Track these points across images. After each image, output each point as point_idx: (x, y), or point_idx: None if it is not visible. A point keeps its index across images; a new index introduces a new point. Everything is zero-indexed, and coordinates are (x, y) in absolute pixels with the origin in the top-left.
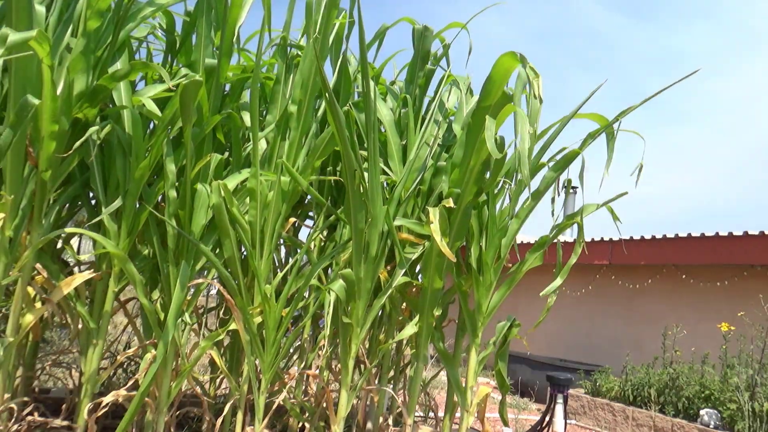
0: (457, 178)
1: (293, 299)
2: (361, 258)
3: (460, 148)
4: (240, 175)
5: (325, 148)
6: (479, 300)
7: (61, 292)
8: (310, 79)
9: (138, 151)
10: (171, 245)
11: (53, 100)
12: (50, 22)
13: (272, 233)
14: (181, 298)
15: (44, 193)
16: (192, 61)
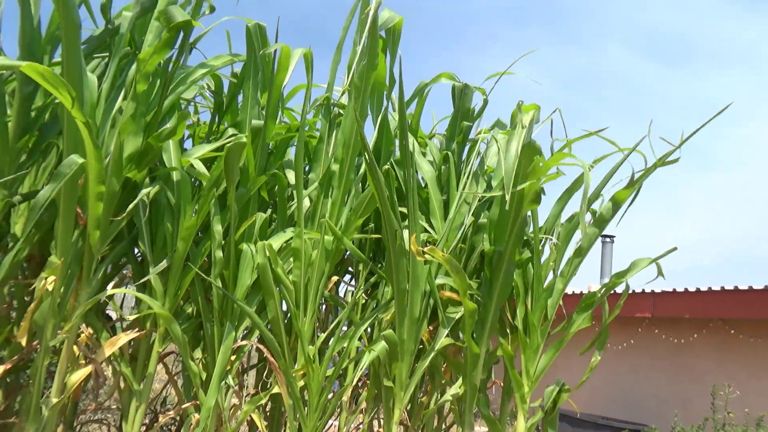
0: (498, 235)
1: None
2: (404, 319)
3: (497, 206)
4: (284, 235)
5: (367, 207)
6: (526, 363)
7: (106, 352)
8: (351, 138)
9: (186, 211)
10: (216, 305)
11: (98, 160)
12: (104, 88)
13: (316, 293)
14: (225, 361)
15: (92, 253)
16: (238, 121)
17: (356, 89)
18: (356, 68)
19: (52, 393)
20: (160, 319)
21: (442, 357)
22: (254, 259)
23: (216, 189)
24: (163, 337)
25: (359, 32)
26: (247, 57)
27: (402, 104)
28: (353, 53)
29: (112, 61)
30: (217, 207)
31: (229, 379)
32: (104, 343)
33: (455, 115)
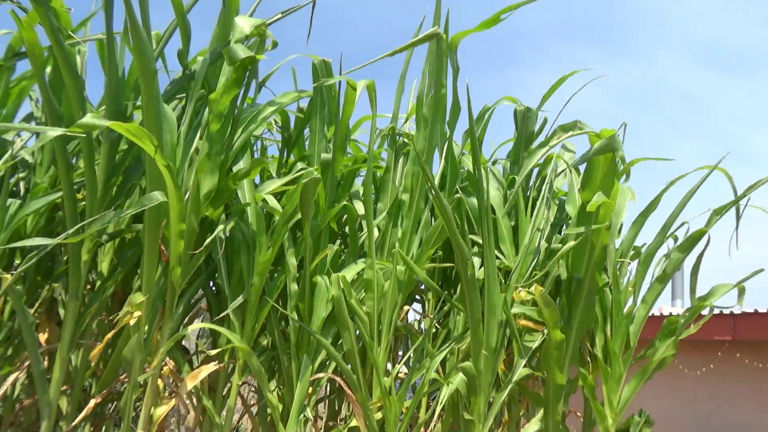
0: (576, 262)
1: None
2: (481, 349)
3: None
4: (356, 266)
5: (439, 236)
6: (609, 394)
7: (189, 386)
8: (420, 168)
9: (261, 245)
10: (293, 338)
11: (179, 199)
12: (182, 130)
13: (389, 323)
14: (303, 393)
15: (174, 288)
16: (307, 155)
17: (424, 120)
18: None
19: (139, 426)
20: (239, 352)
21: (519, 387)
22: (328, 291)
23: (289, 222)
24: (242, 370)
25: (428, 62)
26: (313, 92)
27: (473, 132)
28: (422, 84)
29: (189, 104)
30: (290, 240)
31: (307, 411)
32: (186, 377)
33: (518, 138)
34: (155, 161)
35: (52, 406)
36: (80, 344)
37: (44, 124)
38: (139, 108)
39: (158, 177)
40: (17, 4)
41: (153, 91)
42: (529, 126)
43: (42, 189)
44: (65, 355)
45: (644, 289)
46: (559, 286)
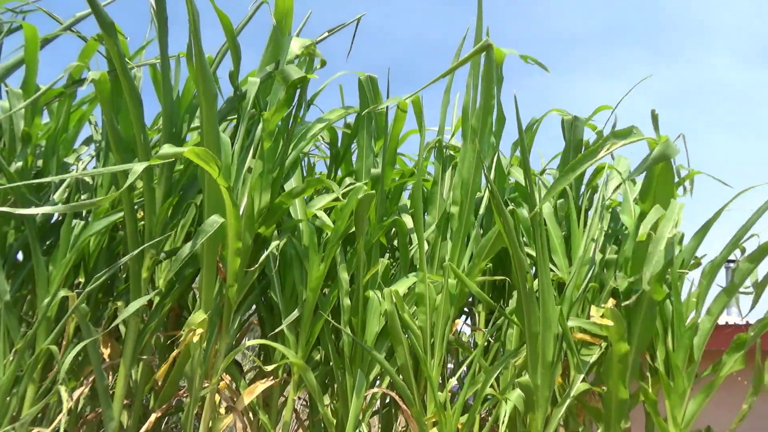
0: (635, 273)
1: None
2: (537, 364)
3: (633, 241)
4: (408, 280)
5: (491, 248)
6: (672, 410)
7: (245, 401)
8: (470, 180)
9: (313, 261)
10: (346, 353)
11: (236, 219)
12: (236, 149)
13: (442, 337)
14: (358, 408)
15: (231, 305)
16: (355, 170)
17: (473, 131)
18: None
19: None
20: (294, 367)
21: (578, 402)
22: (381, 306)
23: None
24: (297, 385)
25: (472, 75)
26: (360, 108)
27: (524, 143)
28: (467, 96)
29: (241, 124)
30: (342, 256)
31: (363, 426)
32: (243, 392)
33: (567, 148)
34: (214, 181)
35: (115, 420)
36: (140, 359)
37: (104, 147)
38: (193, 129)
39: (216, 196)
40: (77, 34)
41: (213, 113)
42: (577, 135)
43: (104, 210)
44: (127, 370)
45: (708, 300)
46: (617, 298)
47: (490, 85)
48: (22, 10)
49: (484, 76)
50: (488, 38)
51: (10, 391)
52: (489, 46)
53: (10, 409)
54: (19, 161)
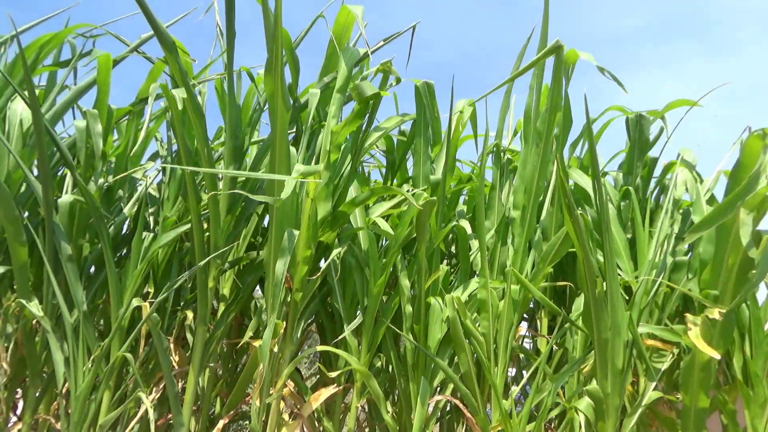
0: (710, 278)
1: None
2: (607, 371)
3: (709, 244)
4: (469, 286)
5: (557, 253)
6: (752, 420)
7: (311, 407)
8: (533, 184)
9: (374, 268)
10: (409, 360)
11: (307, 228)
12: (299, 159)
13: (505, 344)
14: (423, 415)
15: (296, 312)
16: (412, 177)
17: (538, 134)
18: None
19: None
20: (357, 374)
21: (650, 412)
22: (443, 312)
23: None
24: (360, 392)
25: (536, 77)
26: (416, 115)
27: (593, 145)
28: (529, 98)
29: (303, 135)
30: (403, 263)
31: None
32: (308, 398)
33: (631, 147)
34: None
35: (185, 426)
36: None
37: (169, 161)
38: (255, 143)
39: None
40: (143, 55)
41: (285, 126)
42: (642, 134)
43: (171, 222)
44: (196, 377)
45: None
46: (689, 303)
47: (559, 87)
48: (92, 34)
49: (554, 78)
50: (558, 40)
51: (89, 397)
52: (560, 47)
53: (89, 415)
54: (98, 179)
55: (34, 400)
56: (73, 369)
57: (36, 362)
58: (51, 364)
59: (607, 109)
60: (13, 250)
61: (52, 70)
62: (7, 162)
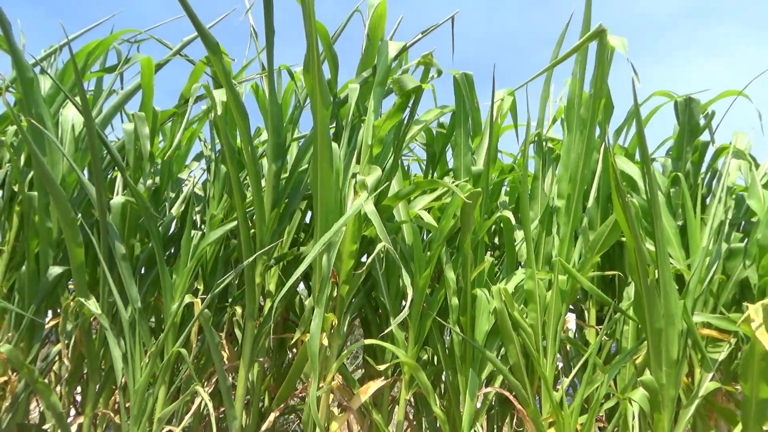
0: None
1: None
2: (661, 362)
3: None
4: (516, 277)
5: (605, 242)
6: None
7: (360, 400)
8: (578, 172)
9: (420, 261)
10: (457, 352)
11: (353, 223)
12: (341, 155)
13: (554, 335)
14: (472, 408)
15: (342, 306)
16: (454, 169)
17: (581, 121)
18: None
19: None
20: (404, 367)
21: (707, 403)
22: (489, 304)
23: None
24: (408, 384)
25: (579, 63)
26: (456, 106)
27: (641, 130)
28: (572, 85)
29: (344, 130)
30: (447, 255)
31: (478, 426)
32: (356, 391)
33: (680, 132)
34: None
35: (238, 419)
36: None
37: (213, 161)
38: (295, 140)
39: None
40: (186, 58)
41: (327, 121)
42: (692, 118)
43: (218, 220)
44: (246, 371)
45: None
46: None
47: (602, 73)
48: (136, 39)
49: (597, 63)
50: (601, 24)
51: (147, 391)
52: (603, 31)
53: (148, 409)
54: (147, 180)
55: (93, 394)
56: (131, 364)
57: (95, 358)
58: (107, 360)
59: (652, 94)
60: (71, 251)
61: (99, 75)
62: (61, 166)
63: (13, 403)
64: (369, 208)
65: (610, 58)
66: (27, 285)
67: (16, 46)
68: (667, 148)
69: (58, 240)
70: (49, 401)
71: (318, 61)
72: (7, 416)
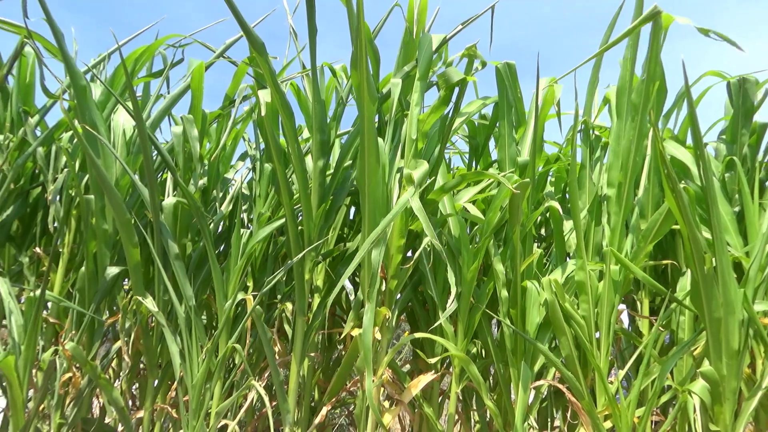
0: None
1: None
2: (721, 352)
3: None
4: (566, 268)
5: (659, 230)
6: None
7: (411, 394)
8: (629, 160)
9: (466, 254)
10: (508, 345)
11: (401, 218)
12: (386, 149)
13: (608, 327)
14: (525, 401)
15: (391, 300)
16: (498, 161)
17: (633, 107)
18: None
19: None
20: (455, 360)
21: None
22: (540, 296)
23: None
24: (459, 378)
25: (630, 47)
26: (499, 97)
27: (694, 114)
28: (624, 70)
29: (389, 125)
30: (495, 247)
31: (531, 420)
32: (406, 385)
33: (735, 114)
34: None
35: (291, 413)
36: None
37: (258, 160)
38: (339, 136)
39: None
40: (229, 59)
41: (373, 117)
42: (747, 99)
43: (266, 218)
44: (298, 366)
45: None
46: None
47: (656, 56)
48: (180, 44)
49: (651, 46)
50: (656, 5)
51: (204, 387)
52: (658, 13)
53: (205, 404)
54: (197, 180)
55: (152, 389)
56: (189, 360)
57: (153, 355)
58: (163, 357)
59: (703, 74)
60: (128, 251)
61: (147, 80)
62: (114, 170)
63: (77, 398)
64: (415, 204)
65: (663, 39)
66: (87, 285)
67: (69, 56)
68: (717, 131)
69: (114, 241)
70: (112, 396)
71: (366, 58)
72: (72, 411)
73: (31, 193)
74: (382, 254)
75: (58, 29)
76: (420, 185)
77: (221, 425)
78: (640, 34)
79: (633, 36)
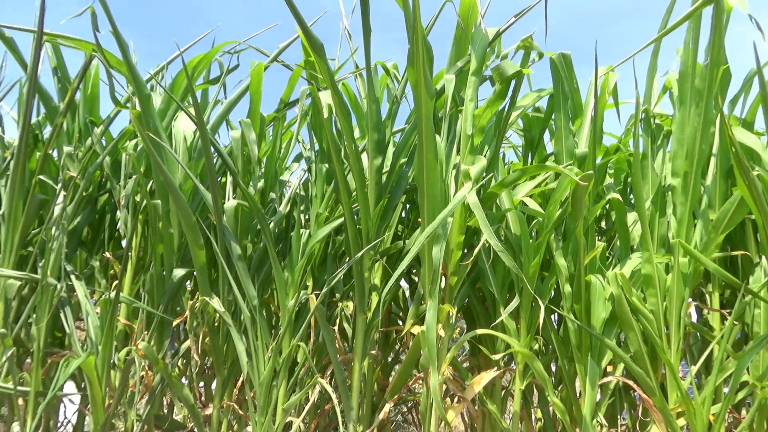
0: None
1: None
2: None
3: None
4: (632, 262)
5: (731, 220)
6: None
7: (473, 391)
8: (695, 148)
9: (528, 249)
10: (573, 341)
11: (460, 214)
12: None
13: (678, 321)
14: (593, 398)
15: (451, 297)
16: (555, 153)
17: (698, 93)
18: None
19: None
20: (518, 356)
21: None
22: (605, 290)
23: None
24: (523, 375)
25: (692, 30)
26: (554, 88)
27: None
28: (685, 55)
29: (444, 121)
30: (557, 242)
31: (600, 417)
32: (468, 382)
33: None
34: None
35: (354, 410)
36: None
37: (314, 161)
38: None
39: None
40: (283, 63)
41: (430, 114)
42: None
43: (324, 218)
44: (360, 363)
45: None
46: None
47: (720, 39)
48: (235, 50)
49: (714, 29)
50: None
51: (271, 384)
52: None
53: (272, 401)
54: (256, 183)
55: (220, 387)
56: (255, 359)
57: (219, 354)
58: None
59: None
60: (194, 253)
61: (205, 87)
62: (177, 175)
63: (150, 396)
64: (472, 200)
65: (726, 22)
66: (155, 286)
67: (134, 67)
68: None
69: (179, 243)
70: (182, 394)
71: (423, 55)
72: (146, 408)
73: (99, 200)
74: (442, 251)
75: (123, 41)
76: (477, 181)
77: (286, 422)
78: (701, 17)
79: (694, 19)
